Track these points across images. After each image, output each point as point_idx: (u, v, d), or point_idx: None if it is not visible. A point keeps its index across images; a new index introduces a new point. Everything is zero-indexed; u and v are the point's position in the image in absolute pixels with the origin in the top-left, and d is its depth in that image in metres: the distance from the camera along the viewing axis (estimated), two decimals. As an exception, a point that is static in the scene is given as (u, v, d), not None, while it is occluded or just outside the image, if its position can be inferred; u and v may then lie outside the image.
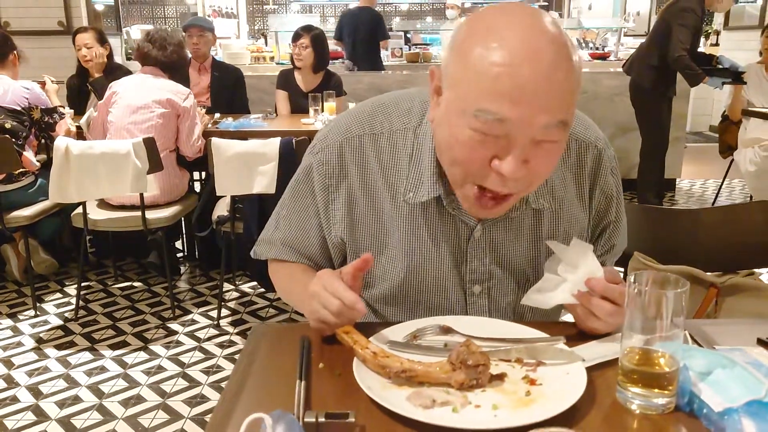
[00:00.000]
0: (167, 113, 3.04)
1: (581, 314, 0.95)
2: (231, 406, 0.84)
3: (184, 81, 3.35)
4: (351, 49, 5.95)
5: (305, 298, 0.97)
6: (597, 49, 8.42)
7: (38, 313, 3.10)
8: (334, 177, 1.04)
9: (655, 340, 0.78)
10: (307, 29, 3.95)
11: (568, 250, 0.95)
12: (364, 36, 5.87)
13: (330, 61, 4.26)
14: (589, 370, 0.85)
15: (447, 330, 0.98)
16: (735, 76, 4.18)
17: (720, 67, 4.20)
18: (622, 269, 1.62)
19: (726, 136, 4.50)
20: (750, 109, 4.16)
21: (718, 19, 7.41)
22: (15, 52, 3.29)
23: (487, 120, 0.82)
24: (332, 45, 5.39)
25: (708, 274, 1.57)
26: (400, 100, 1.05)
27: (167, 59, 3.14)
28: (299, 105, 4.03)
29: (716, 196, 4.98)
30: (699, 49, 4.32)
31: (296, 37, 3.96)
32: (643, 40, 5.62)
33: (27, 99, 3.14)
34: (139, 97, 3.02)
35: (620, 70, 4.70)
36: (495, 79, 0.80)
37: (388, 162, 1.02)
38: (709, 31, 8.33)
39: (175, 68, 3.22)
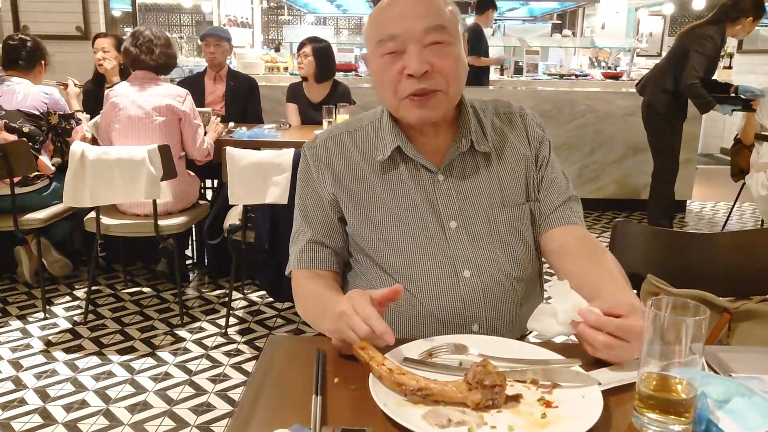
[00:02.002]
0: (169, 120, 3.05)
1: (581, 341, 0.96)
2: (246, 419, 0.85)
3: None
4: None
5: (328, 316, 0.98)
6: (609, 68, 8.45)
7: (48, 315, 3.12)
8: (322, 162, 1.27)
9: (672, 366, 0.78)
10: (311, 40, 4.01)
11: (552, 292, 0.97)
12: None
13: (339, 73, 4.28)
14: (605, 394, 0.85)
15: (462, 349, 0.99)
16: (745, 104, 4.15)
17: (733, 95, 4.20)
18: (635, 292, 1.62)
19: (738, 160, 4.48)
20: (763, 133, 4.15)
21: (732, 42, 7.41)
22: (43, 61, 3.33)
23: (385, 40, 1.13)
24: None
25: (721, 299, 1.56)
26: (371, 111, 1.32)
27: (155, 62, 3.11)
28: (309, 116, 4.06)
29: (727, 219, 4.96)
30: (715, 75, 4.30)
31: (300, 46, 4.03)
32: (655, 60, 5.62)
33: (46, 104, 3.17)
34: (139, 108, 3.01)
35: (633, 90, 4.70)
36: (382, 15, 1.16)
37: (362, 143, 1.26)
38: (723, 54, 8.34)
39: (167, 68, 3.20)
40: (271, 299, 3.33)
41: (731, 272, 1.62)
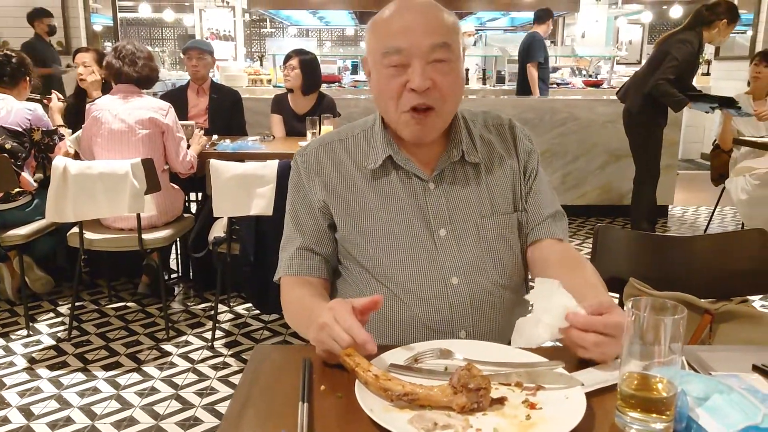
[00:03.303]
0: (152, 133, 3.03)
1: (570, 344, 0.97)
2: (233, 427, 0.85)
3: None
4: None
5: (311, 326, 0.99)
6: (590, 76, 8.55)
7: (31, 332, 3.08)
8: (312, 169, 1.28)
9: (653, 366, 0.80)
10: (298, 52, 4.01)
11: (537, 292, 0.97)
12: (521, 60, 6.05)
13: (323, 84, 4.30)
14: (588, 394, 0.86)
15: (447, 353, 0.99)
16: (722, 101, 4.18)
17: (711, 94, 4.25)
18: (618, 295, 1.64)
19: (717, 164, 4.55)
20: (741, 138, 4.21)
21: (709, 49, 7.54)
22: (28, 77, 3.30)
23: (391, 53, 1.14)
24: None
25: (702, 300, 1.59)
26: (362, 120, 1.33)
27: (138, 74, 3.09)
28: (293, 127, 4.07)
29: (708, 223, 5.03)
30: (694, 81, 4.34)
31: (286, 58, 4.03)
32: (635, 68, 5.69)
33: (29, 120, 3.15)
34: (121, 122, 2.99)
35: (613, 97, 4.76)
36: (389, 26, 1.16)
37: (354, 150, 1.28)
38: (701, 60, 8.47)
39: (150, 81, 3.19)
40: (257, 311, 3.32)
41: (712, 274, 1.65)
